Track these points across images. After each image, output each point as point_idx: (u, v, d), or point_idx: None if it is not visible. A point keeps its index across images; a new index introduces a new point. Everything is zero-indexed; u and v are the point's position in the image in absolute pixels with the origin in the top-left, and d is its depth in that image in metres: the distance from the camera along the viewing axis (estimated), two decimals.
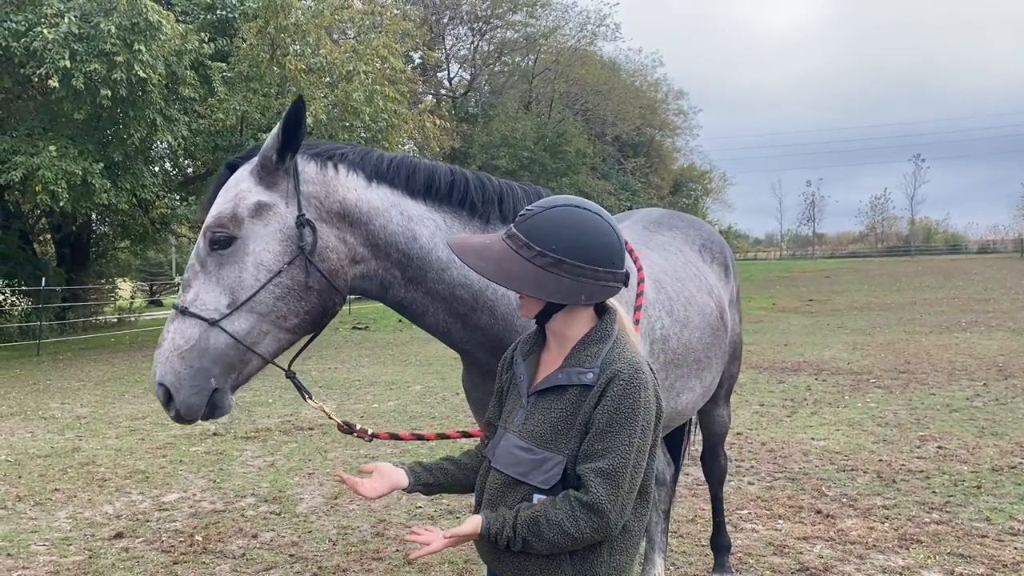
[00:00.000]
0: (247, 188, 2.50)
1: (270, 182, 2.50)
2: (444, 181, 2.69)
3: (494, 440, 2.24)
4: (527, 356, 2.25)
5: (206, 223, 2.48)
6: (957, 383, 10.80)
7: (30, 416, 10.63)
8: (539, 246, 2.03)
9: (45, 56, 15.53)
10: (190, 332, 2.40)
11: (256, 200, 2.48)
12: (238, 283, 2.43)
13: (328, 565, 5.04)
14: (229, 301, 2.43)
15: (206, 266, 2.46)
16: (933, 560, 4.74)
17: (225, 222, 2.45)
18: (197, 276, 2.47)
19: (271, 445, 8.44)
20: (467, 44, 47.09)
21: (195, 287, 2.45)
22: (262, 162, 2.51)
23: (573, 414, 2.07)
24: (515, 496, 2.10)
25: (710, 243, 4.19)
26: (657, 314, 3.17)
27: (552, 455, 2.07)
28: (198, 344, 2.40)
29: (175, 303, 2.49)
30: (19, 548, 5.49)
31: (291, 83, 19.93)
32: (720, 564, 4.53)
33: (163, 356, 2.40)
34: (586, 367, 2.08)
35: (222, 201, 2.49)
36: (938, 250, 78.67)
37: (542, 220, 2.06)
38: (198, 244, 2.51)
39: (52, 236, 27.35)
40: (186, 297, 2.45)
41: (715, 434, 4.48)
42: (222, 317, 2.41)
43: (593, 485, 1.98)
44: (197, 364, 2.39)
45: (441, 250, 2.61)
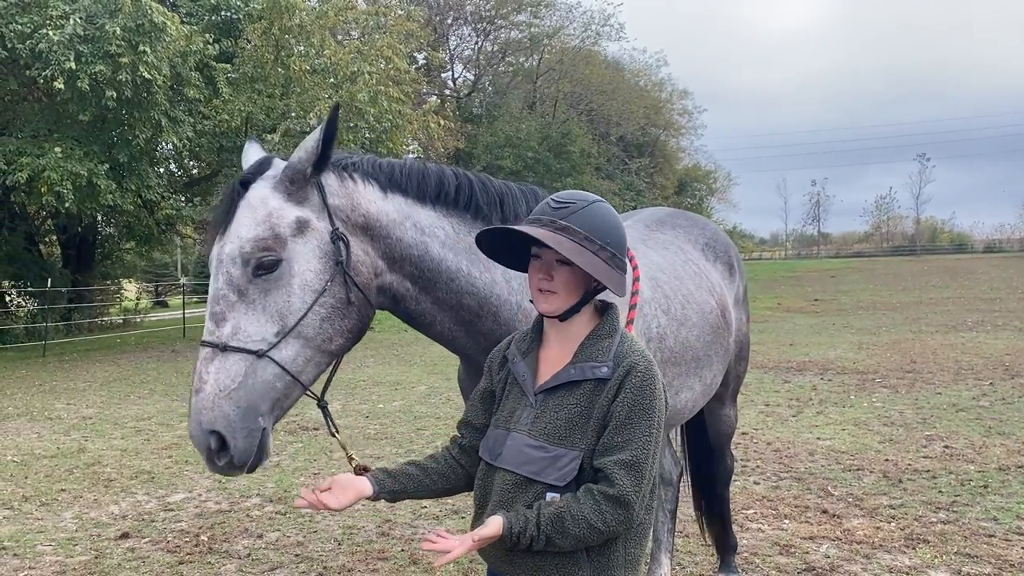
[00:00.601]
0: (279, 205, 2.33)
1: (300, 197, 2.37)
2: (452, 186, 2.66)
3: (494, 441, 2.21)
4: (525, 355, 2.24)
5: (241, 248, 2.27)
6: (963, 382, 10.76)
7: (36, 417, 10.66)
8: (599, 240, 2.10)
9: (50, 58, 15.57)
10: (235, 369, 2.22)
11: (295, 216, 2.34)
12: (287, 308, 2.29)
13: (333, 565, 5.04)
14: (278, 329, 2.28)
15: (246, 295, 2.27)
16: (940, 560, 4.73)
17: (270, 244, 2.28)
18: (234, 307, 2.26)
19: (276, 445, 8.45)
20: (471, 44, 47.09)
21: (233, 319, 2.26)
22: (291, 176, 2.35)
23: (588, 408, 2.08)
24: (527, 495, 2.09)
25: (714, 242, 4.18)
26: (653, 312, 3.16)
27: (567, 451, 2.07)
28: (246, 380, 2.23)
29: (208, 340, 2.25)
30: (25, 548, 5.50)
31: (295, 84, 19.94)
32: (726, 564, 4.52)
33: (208, 401, 2.20)
34: (599, 361, 2.10)
35: (252, 222, 2.29)
36: (944, 250, 78.51)
37: (591, 214, 2.12)
38: (228, 272, 2.28)
39: (58, 237, 27.42)
40: (222, 332, 2.25)
41: (722, 434, 4.47)
42: (270, 347, 2.27)
43: (618, 478, 2.00)
44: (246, 403, 2.23)
45: (450, 260, 2.61)
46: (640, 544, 2.16)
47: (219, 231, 2.34)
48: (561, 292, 2.12)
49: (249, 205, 2.32)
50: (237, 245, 2.27)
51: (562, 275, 2.12)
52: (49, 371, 15.97)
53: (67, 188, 16.52)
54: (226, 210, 2.33)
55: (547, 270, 2.13)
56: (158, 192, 20.01)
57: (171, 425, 9.73)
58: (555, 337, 2.22)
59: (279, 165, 2.42)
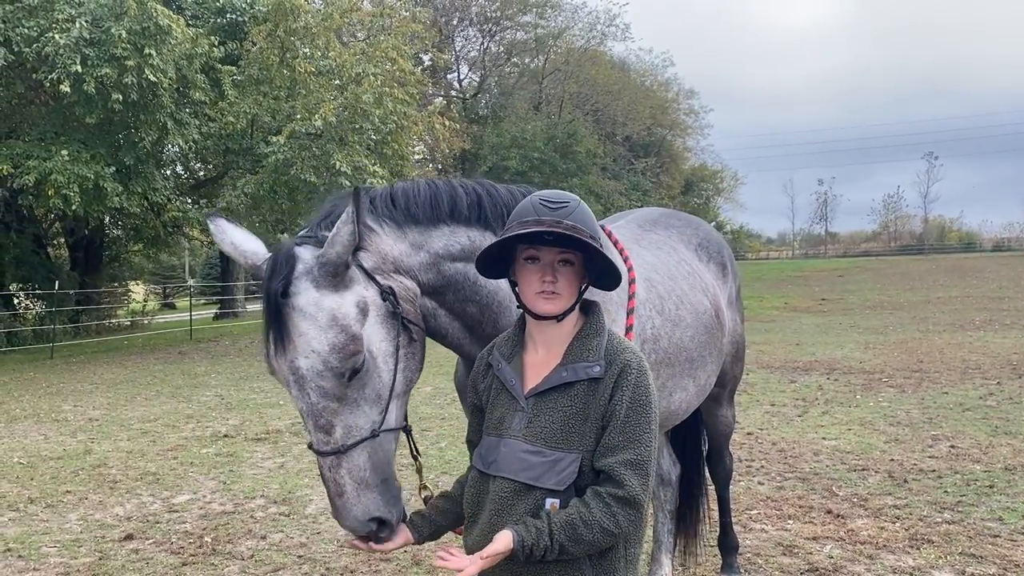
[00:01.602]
0: (335, 302, 2.23)
1: (345, 281, 2.27)
2: (464, 203, 2.63)
3: (487, 448, 2.20)
4: (510, 359, 2.24)
5: (327, 363, 2.19)
6: (970, 382, 10.72)
7: (43, 418, 10.70)
8: (598, 238, 2.14)
9: (57, 61, 15.64)
10: (361, 459, 2.27)
11: (354, 304, 2.27)
12: (382, 386, 2.32)
13: (336, 566, 5.04)
14: (381, 407, 2.31)
15: (345, 398, 2.25)
16: (944, 560, 4.70)
17: (351, 347, 2.21)
18: (338, 412, 2.24)
19: (281, 447, 8.46)
20: (476, 45, 47.12)
21: (340, 421, 2.25)
22: (333, 270, 2.24)
23: (584, 409, 2.08)
24: (526, 502, 2.08)
25: (707, 242, 4.16)
26: (648, 313, 3.15)
27: (565, 454, 2.07)
28: (373, 462, 2.29)
29: (325, 451, 2.24)
30: (30, 550, 5.52)
31: (301, 86, 19.99)
32: (728, 564, 4.51)
33: (353, 499, 2.24)
34: (590, 361, 2.11)
35: (319, 331, 2.19)
36: (952, 248, 78.15)
37: (584, 213, 2.16)
38: (319, 387, 2.21)
39: (65, 240, 27.54)
40: (336, 437, 2.24)
41: (720, 434, 4.46)
42: (381, 424, 2.31)
43: (626, 478, 2.01)
44: (381, 478, 2.30)
45: (460, 271, 2.60)
46: (639, 543, 2.17)
47: (275, 345, 2.22)
48: (564, 293, 2.13)
49: (305, 314, 2.20)
50: (319, 360, 2.19)
51: (565, 275, 2.13)
52: (56, 373, 16.03)
53: (74, 191, 16.59)
54: (276, 322, 2.21)
55: (551, 272, 2.12)
56: (165, 194, 20.09)
57: (177, 427, 9.76)
58: (540, 339, 2.21)
59: (307, 258, 2.26)
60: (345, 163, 18.93)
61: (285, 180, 19.43)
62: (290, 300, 2.20)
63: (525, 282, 2.16)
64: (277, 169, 19.05)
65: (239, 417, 10.28)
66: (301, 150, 18.91)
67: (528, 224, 2.11)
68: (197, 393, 12.57)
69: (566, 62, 47.29)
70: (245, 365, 16.38)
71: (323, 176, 19.22)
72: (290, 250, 2.27)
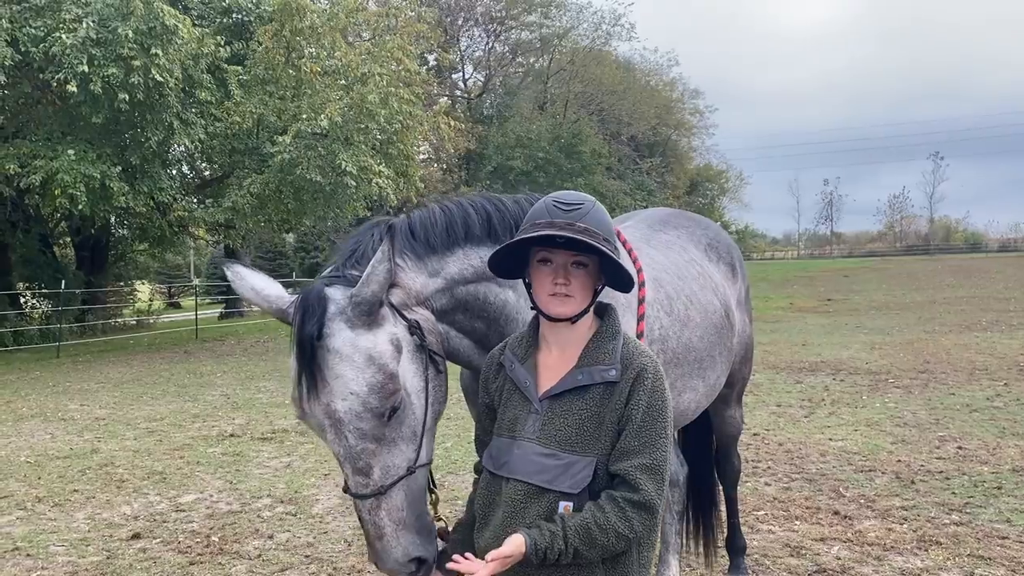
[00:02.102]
0: (370, 341, 2.19)
1: (375, 318, 2.22)
2: (476, 224, 2.60)
3: (498, 450, 2.20)
4: (523, 360, 2.23)
5: (366, 404, 2.15)
6: (977, 383, 10.69)
7: (50, 417, 10.73)
8: (612, 240, 2.15)
9: (64, 61, 15.67)
10: (399, 498, 2.24)
11: (387, 342, 2.22)
12: (416, 422, 2.30)
13: (343, 566, 5.05)
14: (415, 444, 2.29)
15: (384, 438, 2.22)
16: (952, 562, 4.69)
17: (392, 386, 2.18)
18: (375, 454, 2.21)
19: (288, 446, 8.48)
20: (481, 45, 47.17)
21: (378, 462, 2.21)
22: (367, 309, 2.19)
23: (599, 413, 2.08)
24: (539, 505, 2.07)
25: (716, 242, 4.16)
26: (655, 314, 3.14)
27: (579, 458, 2.07)
28: (407, 500, 2.26)
29: (365, 493, 2.21)
30: (38, 548, 5.54)
31: (306, 86, 19.99)
32: (735, 565, 4.50)
33: (393, 541, 2.23)
34: (606, 364, 2.11)
35: (356, 372, 2.14)
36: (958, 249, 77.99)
37: (599, 214, 2.16)
38: (358, 429, 2.17)
39: (72, 239, 27.60)
40: (374, 479, 2.21)
41: (728, 435, 4.46)
42: (417, 461, 2.29)
43: (642, 482, 2.01)
44: (416, 514, 2.29)
45: (470, 295, 2.59)
46: (653, 546, 2.18)
47: (309, 389, 2.16)
48: (578, 294, 2.13)
49: (341, 355, 2.14)
50: (358, 402, 2.14)
51: (579, 277, 2.13)
52: (63, 372, 16.07)
53: (80, 190, 16.62)
54: (309, 366, 2.15)
55: (564, 273, 2.12)
56: (170, 194, 20.11)
57: (183, 426, 9.78)
58: (554, 340, 2.21)
59: (338, 298, 2.21)
60: (351, 163, 18.95)
61: (291, 180, 19.44)
62: (324, 342, 2.14)
63: (538, 284, 2.16)
64: (283, 169, 19.06)
65: (245, 416, 10.29)
66: (307, 150, 18.91)
67: (541, 226, 2.11)
68: (203, 392, 12.59)
69: (571, 62, 47.30)
70: (251, 365, 16.41)
71: (329, 176, 19.23)
72: (320, 291, 2.21)
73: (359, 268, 2.29)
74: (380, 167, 20.14)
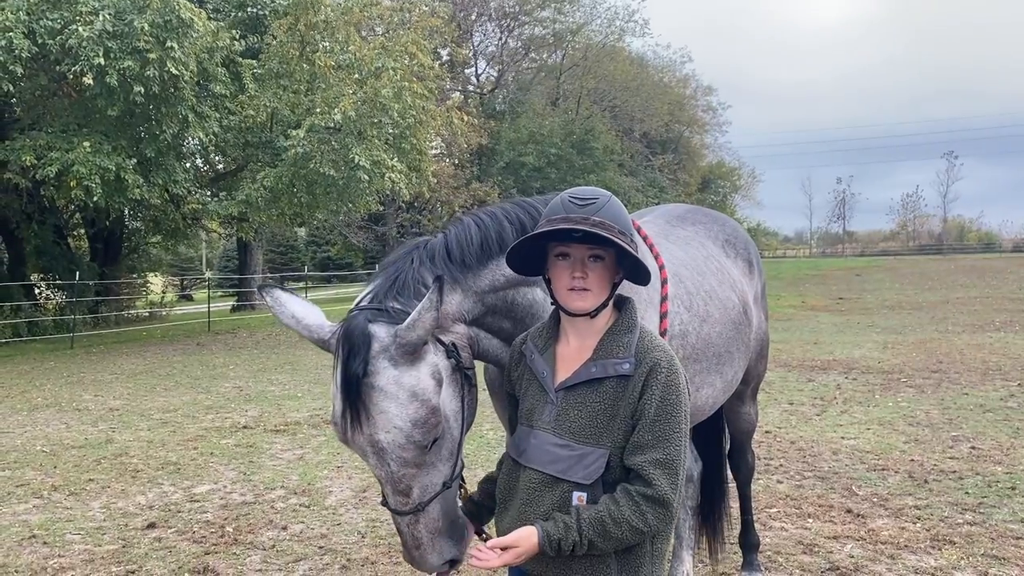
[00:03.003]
0: (413, 378, 2.19)
1: (416, 354, 2.22)
2: (510, 234, 2.57)
3: (519, 438, 2.25)
4: (543, 351, 2.26)
5: (409, 437, 2.17)
6: (991, 383, 10.64)
7: (64, 407, 10.81)
8: (628, 232, 2.15)
9: (80, 54, 15.74)
10: (435, 511, 2.31)
11: (429, 375, 2.23)
12: (452, 443, 2.35)
13: (357, 557, 5.08)
14: (452, 462, 2.35)
15: (424, 463, 2.25)
16: (966, 561, 4.68)
17: (434, 420, 2.20)
18: (416, 477, 2.25)
19: (300, 438, 8.52)
20: (495, 41, 47.08)
21: (418, 483, 2.26)
22: (412, 349, 2.19)
23: (613, 406, 2.10)
24: (553, 494, 2.11)
25: (734, 238, 4.16)
26: (676, 309, 3.15)
27: (593, 449, 2.10)
28: (443, 510, 2.34)
29: (405, 511, 2.26)
30: (55, 537, 5.59)
31: (320, 80, 20.03)
32: (748, 562, 4.51)
33: (429, 549, 2.30)
34: (620, 357, 2.13)
35: (400, 408, 2.15)
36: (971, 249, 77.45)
37: (614, 208, 2.17)
38: (400, 458, 2.20)
39: (86, 231, 27.74)
40: (411, 499, 2.26)
41: (742, 432, 4.46)
42: (451, 477, 2.36)
43: (655, 477, 2.03)
44: (450, 521, 2.37)
45: (499, 300, 2.59)
46: (667, 540, 2.20)
47: (350, 420, 2.18)
48: (595, 288, 2.14)
49: (385, 393, 2.15)
50: (402, 435, 2.16)
51: (596, 271, 2.15)
52: (77, 363, 16.19)
53: (96, 182, 16.70)
54: (352, 400, 2.16)
55: (581, 267, 2.14)
56: (184, 187, 20.19)
57: (196, 417, 9.84)
58: (573, 332, 2.23)
59: (382, 336, 2.19)
60: (364, 157, 18.98)
61: (304, 174, 19.49)
62: (368, 380, 2.15)
63: (557, 278, 2.19)
64: (296, 163, 19.11)
65: (258, 409, 10.35)
66: (320, 144, 18.96)
67: (556, 222, 2.13)
68: (216, 384, 12.66)
69: (584, 58, 47.18)
70: (263, 357, 16.48)
71: (342, 170, 19.27)
72: (364, 329, 2.19)
73: (400, 300, 2.29)
74: (393, 162, 20.16)
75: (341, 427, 2.21)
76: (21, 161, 16.99)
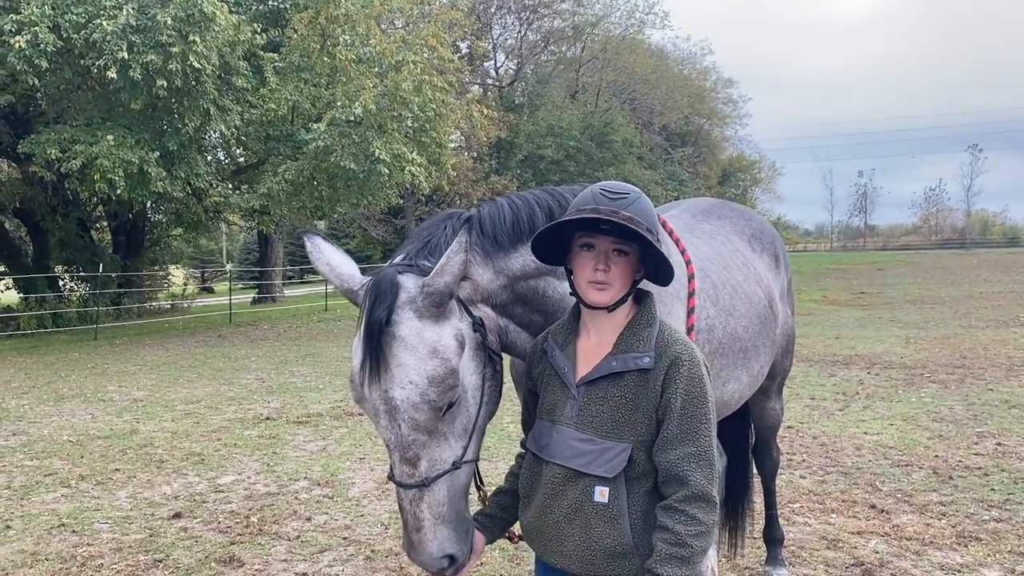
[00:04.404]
0: (436, 334, 2.17)
1: (443, 311, 2.20)
2: (541, 219, 2.54)
3: (540, 432, 2.25)
4: (563, 346, 2.26)
5: (424, 395, 2.13)
6: (1016, 379, 10.53)
7: (90, 398, 10.94)
8: (655, 231, 2.15)
9: (104, 48, 15.87)
10: (441, 493, 2.22)
11: (452, 336, 2.20)
12: (468, 419, 2.28)
13: (381, 549, 5.11)
14: (464, 441, 2.28)
15: (436, 431, 2.19)
16: (993, 558, 4.65)
17: (450, 381, 2.16)
18: (426, 445, 2.18)
19: (322, 430, 8.58)
20: (514, 33, 46.98)
21: (427, 455, 2.19)
22: (437, 300, 2.16)
23: (634, 400, 2.11)
24: (576, 488, 2.13)
25: (760, 233, 4.15)
26: (702, 303, 3.14)
27: (615, 443, 2.11)
28: (450, 495, 2.25)
29: (409, 483, 2.19)
30: (83, 525, 5.67)
31: (341, 73, 20.10)
32: (773, 557, 4.50)
33: (430, 535, 2.21)
34: (641, 352, 2.13)
35: (418, 363, 2.13)
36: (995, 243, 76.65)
37: (644, 205, 2.18)
38: (412, 419, 2.14)
39: (109, 224, 28.00)
40: (420, 470, 2.19)
41: (767, 427, 4.45)
42: (463, 457, 2.27)
43: (690, 472, 2.04)
44: (455, 512, 2.27)
45: (530, 289, 2.56)
46: None
47: (371, 373, 2.15)
48: (616, 282, 2.14)
49: (406, 344, 2.12)
50: (416, 392, 2.12)
51: (619, 265, 2.15)
52: (101, 354, 16.37)
53: (119, 175, 16.86)
54: (374, 351, 2.13)
55: (605, 259, 2.14)
56: (207, 180, 20.32)
57: (219, 408, 9.93)
58: (593, 327, 2.23)
59: (410, 287, 2.18)
60: (384, 150, 19.03)
61: (325, 167, 19.58)
62: (391, 329, 2.12)
63: (579, 269, 2.18)
64: (317, 156, 19.20)
65: (280, 400, 10.43)
66: (341, 137, 19.03)
67: (586, 212, 2.13)
68: (238, 376, 12.76)
69: (604, 50, 47.01)
70: (284, 349, 16.59)
71: (362, 163, 19.34)
72: (393, 278, 2.18)
73: (431, 260, 2.26)
74: (413, 155, 20.21)
75: (359, 379, 2.17)
76: (46, 154, 17.18)
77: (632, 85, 48.47)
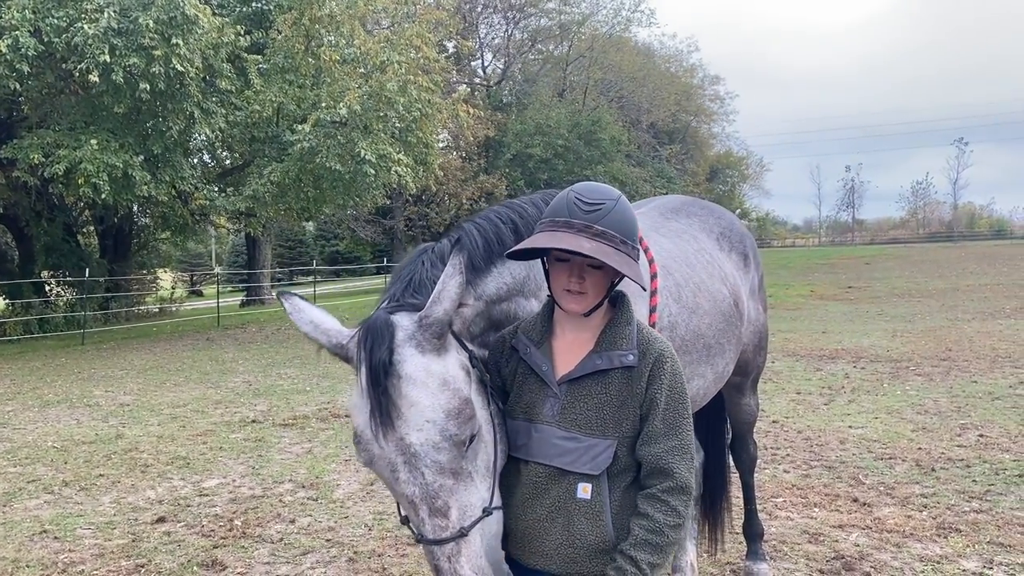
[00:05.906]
0: (442, 366, 2.07)
1: (444, 342, 2.10)
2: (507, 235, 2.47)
3: (514, 432, 2.23)
4: (539, 344, 2.24)
5: (444, 432, 2.00)
6: (1000, 371, 10.60)
7: (75, 403, 10.89)
8: (630, 240, 2.12)
9: (86, 51, 15.78)
10: (476, 542, 2.05)
11: (458, 366, 2.12)
12: (489, 456, 2.16)
13: (364, 550, 5.11)
14: (489, 481, 2.15)
15: (461, 472, 2.06)
16: (972, 549, 4.68)
17: (468, 411, 2.05)
18: (453, 491, 2.03)
19: (308, 432, 8.56)
20: (501, 33, 47.04)
21: (456, 501, 2.04)
22: (437, 331, 2.06)
23: (619, 396, 2.13)
24: (560, 486, 2.13)
25: (729, 232, 4.16)
26: (664, 301, 3.15)
27: (600, 440, 2.12)
28: (485, 544, 2.10)
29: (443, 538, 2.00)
30: (65, 531, 5.65)
31: (326, 74, 20.03)
32: (753, 551, 4.51)
33: None
34: (624, 349, 2.15)
35: (432, 399, 2.01)
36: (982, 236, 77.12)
37: (620, 213, 2.13)
38: (435, 462, 2.00)
39: (95, 228, 27.88)
40: (451, 521, 2.02)
41: (743, 423, 4.47)
42: (490, 503, 2.13)
43: (675, 465, 2.08)
44: (493, 561, 2.12)
45: (502, 314, 2.49)
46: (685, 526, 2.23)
47: (379, 420, 2.00)
48: (591, 292, 2.13)
49: (414, 381, 2.01)
50: (435, 430, 2.00)
51: (594, 277, 2.12)
52: (88, 359, 16.29)
53: (103, 179, 16.77)
54: (380, 394, 1.99)
55: (579, 273, 2.11)
56: (192, 183, 20.23)
57: (206, 412, 9.90)
58: (569, 325, 2.23)
59: (406, 324, 2.08)
60: (370, 151, 19.00)
61: (311, 168, 19.53)
62: (395, 368, 2.00)
63: (555, 276, 2.17)
64: (303, 157, 19.15)
65: (267, 403, 10.40)
66: (326, 138, 18.99)
67: (558, 225, 2.10)
68: (225, 379, 12.73)
69: (590, 49, 47.09)
70: (272, 352, 16.55)
71: (348, 164, 19.30)
72: (386, 319, 2.06)
73: (419, 297, 2.17)
74: (399, 155, 20.17)
75: (371, 432, 2.01)
76: (29, 159, 17.08)
77: (619, 83, 48.61)
